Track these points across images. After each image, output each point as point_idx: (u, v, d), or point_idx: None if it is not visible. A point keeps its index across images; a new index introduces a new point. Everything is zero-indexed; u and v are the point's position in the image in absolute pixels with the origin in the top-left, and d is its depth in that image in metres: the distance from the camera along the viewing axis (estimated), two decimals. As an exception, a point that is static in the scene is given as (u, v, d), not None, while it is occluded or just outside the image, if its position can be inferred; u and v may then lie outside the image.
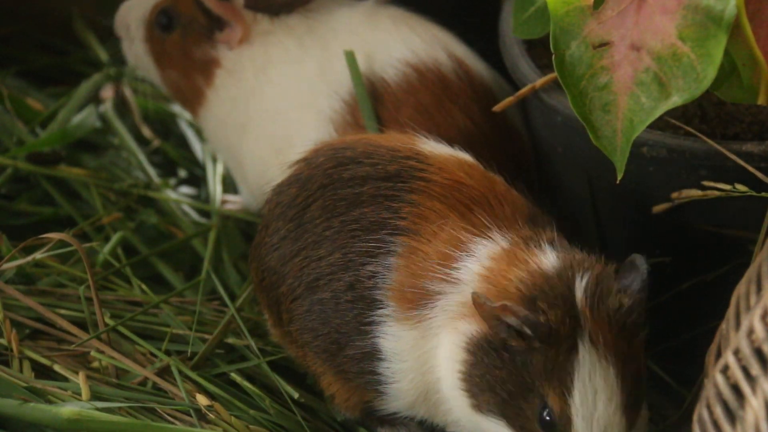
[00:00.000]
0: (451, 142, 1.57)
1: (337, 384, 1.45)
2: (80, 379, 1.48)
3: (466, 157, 1.43)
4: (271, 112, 1.63)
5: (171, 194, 1.79)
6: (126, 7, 1.73)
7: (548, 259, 1.31)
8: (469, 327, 1.30)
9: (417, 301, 1.35)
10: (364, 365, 1.40)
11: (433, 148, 1.43)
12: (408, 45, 1.61)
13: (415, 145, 1.43)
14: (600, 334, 1.26)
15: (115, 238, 1.68)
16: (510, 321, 1.26)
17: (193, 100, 1.69)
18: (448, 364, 1.33)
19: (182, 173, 1.87)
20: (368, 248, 1.38)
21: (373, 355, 1.39)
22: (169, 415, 1.47)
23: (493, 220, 1.35)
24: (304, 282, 1.43)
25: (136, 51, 1.71)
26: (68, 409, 1.40)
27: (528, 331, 1.25)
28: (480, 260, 1.33)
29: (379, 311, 1.38)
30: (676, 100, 1.25)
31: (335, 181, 1.42)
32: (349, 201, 1.41)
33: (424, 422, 1.43)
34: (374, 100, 1.58)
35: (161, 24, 1.68)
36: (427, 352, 1.36)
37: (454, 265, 1.34)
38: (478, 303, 1.27)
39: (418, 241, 1.36)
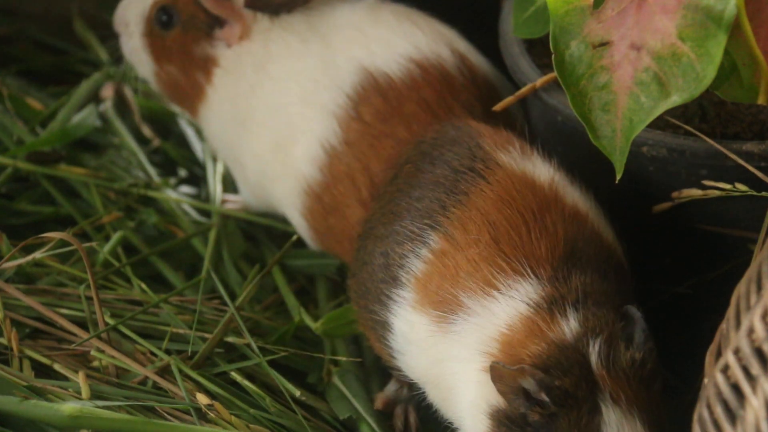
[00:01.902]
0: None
1: (365, 327, 1.47)
2: (80, 379, 1.48)
3: (543, 173, 1.41)
4: (272, 108, 1.63)
5: (171, 194, 1.79)
6: (125, 3, 1.73)
7: (568, 328, 1.30)
8: (493, 394, 1.30)
9: (445, 304, 1.35)
10: (378, 329, 1.43)
11: (512, 158, 1.42)
12: (411, 40, 1.61)
13: (496, 148, 1.42)
14: (620, 391, 1.27)
15: (115, 237, 1.68)
16: (526, 385, 1.25)
17: (194, 97, 1.69)
18: (471, 413, 1.34)
19: (182, 172, 1.87)
20: (411, 229, 1.40)
21: (385, 325, 1.41)
22: (169, 414, 1.47)
23: (521, 259, 1.34)
24: (367, 228, 1.47)
25: (135, 47, 1.71)
26: (70, 407, 1.40)
27: (545, 396, 1.25)
28: (500, 317, 1.33)
29: (399, 291, 1.39)
30: (675, 99, 1.25)
31: (425, 153, 1.46)
32: (423, 177, 1.43)
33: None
34: (377, 95, 1.58)
35: (161, 21, 1.68)
36: (445, 366, 1.36)
37: (488, 295, 1.34)
38: (496, 375, 1.27)
39: (451, 244, 1.37)
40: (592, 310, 1.31)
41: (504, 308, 1.33)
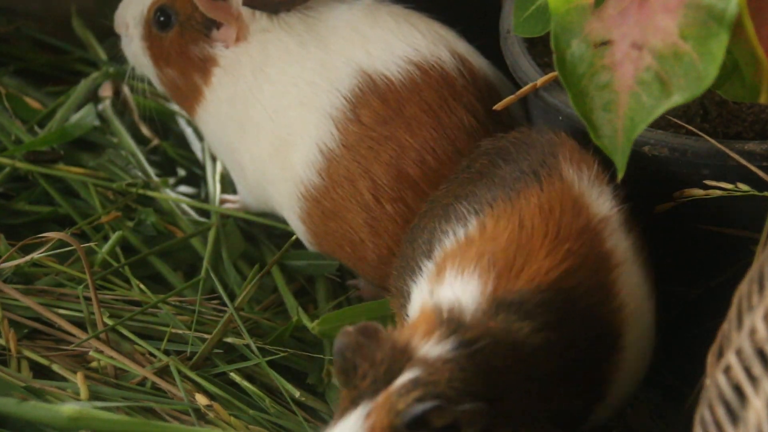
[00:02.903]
0: (455, 140, 1.57)
1: (398, 313, 1.48)
2: (78, 379, 1.48)
3: (599, 206, 1.38)
4: (270, 111, 1.63)
5: (170, 193, 1.79)
6: (125, 4, 1.72)
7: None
8: None
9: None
10: (405, 303, 1.43)
11: (578, 178, 1.40)
12: (411, 42, 1.60)
13: (568, 162, 1.41)
14: None
15: (113, 237, 1.68)
16: None
17: (192, 99, 1.68)
18: None
19: (181, 172, 1.87)
20: (462, 211, 1.41)
21: (404, 293, 1.43)
22: (168, 414, 1.47)
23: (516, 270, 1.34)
24: (428, 207, 1.50)
25: (135, 49, 1.70)
26: (69, 408, 1.40)
27: None
28: None
29: (427, 262, 1.40)
30: (677, 99, 1.25)
31: (502, 149, 1.46)
32: (493, 171, 1.44)
33: None
34: (376, 98, 1.58)
35: (159, 22, 1.67)
36: None
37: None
38: None
39: (480, 233, 1.37)
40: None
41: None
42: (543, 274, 1.32)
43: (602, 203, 1.38)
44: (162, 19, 1.67)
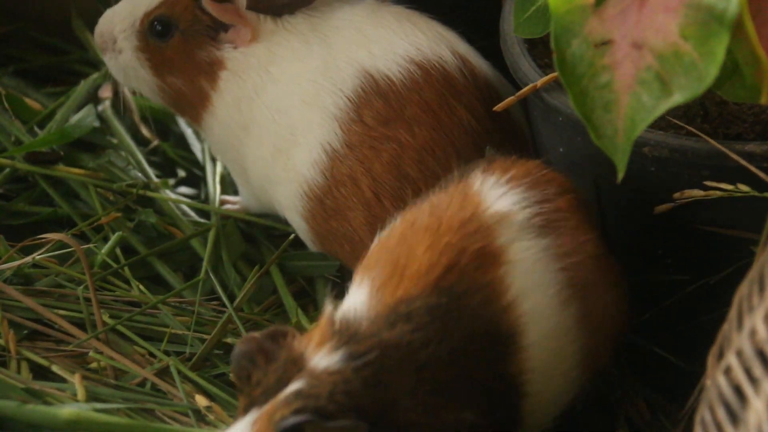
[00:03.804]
0: (454, 140, 1.57)
1: None
2: (76, 381, 1.48)
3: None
4: (274, 111, 1.63)
5: (170, 194, 1.79)
6: (107, 20, 1.70)
7: None
8: None
9: None
10: None
11: (474, 179, 1.39)
12: (412, 42, 1.61)
13: (473, 172, 1.41)
14: None
15: (113, 238, 1.68)
16: None
17: (198, 105, 1.68)
18: None
19: (181, 173, 1.86)
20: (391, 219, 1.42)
21: None
22: (167, 416, 1.47)
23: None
24: None
25: (126, 62, 1.69)
26: (67, 410, 1.40)
27: None
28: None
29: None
30: (677, 98, 1.24)
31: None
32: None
33: None
34: (379, 97, 1.58)
35: (157, 32, 1.66)
36: None
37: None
38: None
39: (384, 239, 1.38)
40: None
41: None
42: (424, 273, 1.29)
43: (501, 201, 1.36)
44: (160, 28, 1.66)
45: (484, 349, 1.28)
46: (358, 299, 1.30)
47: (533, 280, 1.33)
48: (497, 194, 1.36)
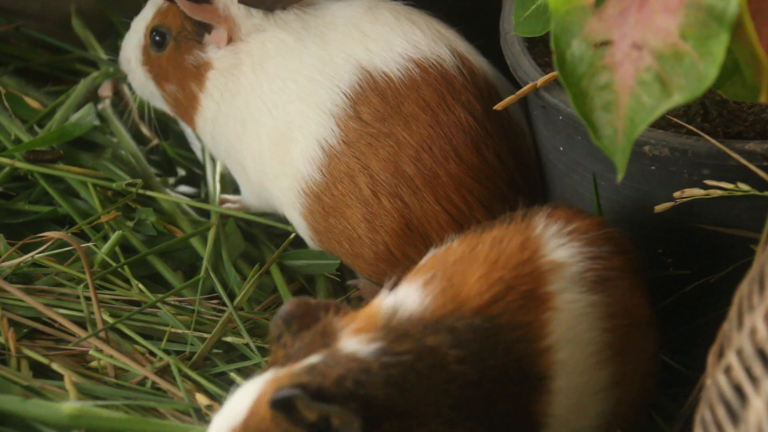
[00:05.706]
0: (451, 138, 1.57)
1: None
2: (66, 381, 1.48)
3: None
4: (270, 105, 1.63)
5: (170, 193, 1.79)
6: (125, 43, 1.75)
7: None
8: None
9: None
10: None
11: (538, 222, 1.40)
12: (410, 40, 1.61)
13: (537, 215, 1.41)
14: None
15: (113, 237, 1.68)
16: None
17: (191, 109, 1.69)
18: None
19: (181, 172, 1.87)
20: None
21: None
22: (168, 414, 1.47)
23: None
24: None
25: (139, 77, 1.73)
26: (70, 406, 1.40)
27: None
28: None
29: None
30: (677, 99, 1.24)
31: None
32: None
33: None
34: (376, 94, 1.58)
35: (156, 42, 1.70)
36: None
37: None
38: None
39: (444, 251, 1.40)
40: None
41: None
42: (473, 297, 1.32)
43: (560, 251, 1.38)
44: (158, 39, 1.69)
45: (513, 381, 1.31)
46: (410, 301, 1.32)
47: (575, 333, 1.35)
48: (557, 243, 1.38)
